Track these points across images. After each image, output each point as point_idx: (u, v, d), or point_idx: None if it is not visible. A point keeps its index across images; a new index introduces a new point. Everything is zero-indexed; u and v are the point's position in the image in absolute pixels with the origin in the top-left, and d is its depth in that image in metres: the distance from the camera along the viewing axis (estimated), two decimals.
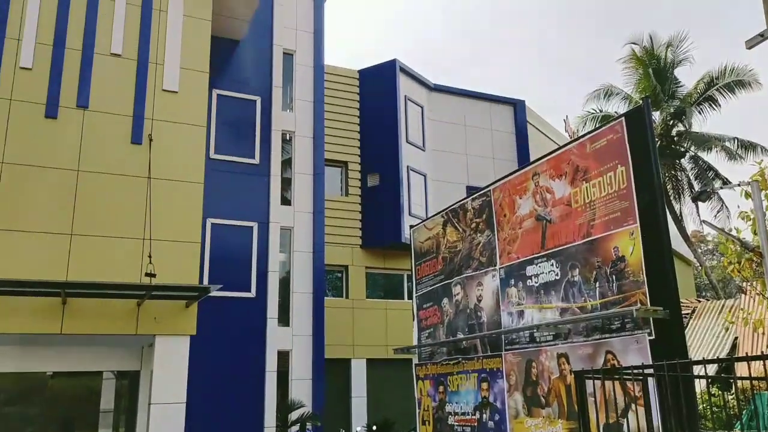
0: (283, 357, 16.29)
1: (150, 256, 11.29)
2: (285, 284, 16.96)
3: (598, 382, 6.26)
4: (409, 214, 20.47)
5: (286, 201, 17.37)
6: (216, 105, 16.10)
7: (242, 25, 16.14)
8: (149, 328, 11.49)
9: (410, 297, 14.75)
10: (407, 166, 21.11)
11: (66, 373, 12.85)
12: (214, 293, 11.86)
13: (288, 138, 17.93)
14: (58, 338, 11.53)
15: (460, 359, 9.91)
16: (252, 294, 15.59)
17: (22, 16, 11.99)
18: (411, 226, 12.85)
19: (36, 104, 11.76)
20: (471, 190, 16.31)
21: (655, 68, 28.29)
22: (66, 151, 11.75)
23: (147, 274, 10.87)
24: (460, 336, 9.92)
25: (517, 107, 25.11)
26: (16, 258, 10.86)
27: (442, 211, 11.20)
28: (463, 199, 10.51)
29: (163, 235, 11.82)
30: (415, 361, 11.50)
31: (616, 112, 29.19)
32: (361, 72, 21.99)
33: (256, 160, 16.38)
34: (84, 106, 12.08)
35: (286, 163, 17.77)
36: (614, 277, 7.03)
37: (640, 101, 21.06)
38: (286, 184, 17.59)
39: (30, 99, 11.72)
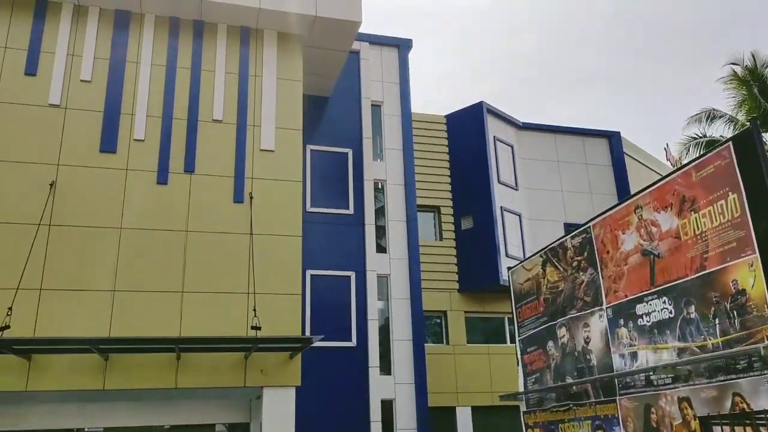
0: (387, 406, 16.17)
1: (254, 310, 11.70)
2: (385, 332, 16.98)
3: (727, 428, 5.76)
4: (506, 256, 20.08)
5: (381, 249, 17.55)
6: (310, 160, 16.71)
7: (330, 82, 16.81)
8: (256, 380, 11.81)
9: (512, 341, 14.31)
10: (501, 207, 20.84)
11: (181, 427, 13.38)
12: (316, 344, 12.06)
13: (380, 187, 18.25)
14: (172, 392, 12.09)
15: (570, 405, 9.45)
16: (353, 343, 15.72)
17: (134, 93, 13.10)
18: (509, 268, 12.58)
19: (149, 172, 12.69)
20: (569, 227, 15.83)
21: (760, 88, 26.64)
22: (176, 214, 12.55)
23: (252, 327, 11.25)
24: (569, 381, 9.48)
25: (613, 139, 24.32)
26: (135, 316, 11.58)
27: (541, 250, 10.91)
28: (562, 237, 10.21)
29: (266, 288, 12.25)
30: (523, 408, 11.07)
31: (722, 136, 27.59)
32: (449, 116, 22.16)
33: (351, 210, 16.76)
34: (191, 170, 12.91)
35: (380, 212, 18.05)
36: (735, 312, 6.52)
37: (747, 123, 19.77)
38: (381, 232, 17.82)
39: (143, 168, 12.68)
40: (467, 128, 21.71)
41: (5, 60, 12.50)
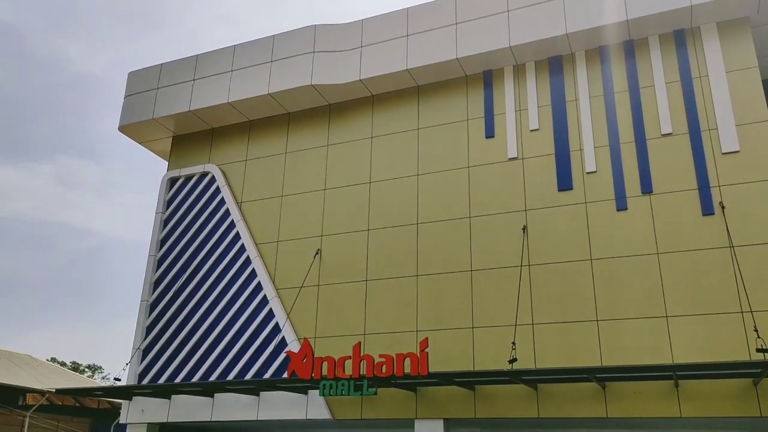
0: None
1: (756, 330, 10.45)
2: None
3: None
4: None
5: None
6: None
7: None
8: None
9: None
10: None
11: None
12: None
13: None
14: (672, 422, 11.59)
15: None
16: None
17: (579, 129, 13.62)
18: None
19: (607, 201, 12.88)
20: None
21: None
22: (642, 238, 12.33)
23: (758, 350, 10.04)
24: None
25: None
26: (623, 344, 11.65)
27: None
28: None
29: (765, 305, 10.85)
30: None
31: None
32: None
33: None
34: (648, 191, 12.59)
35: None
36: None
37: None
38: None
39: (601, 198, 12.94)
40: None
41: (469, 130, 14.61)
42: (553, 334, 12.23)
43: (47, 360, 32.74)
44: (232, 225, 16.33)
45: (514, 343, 11.72)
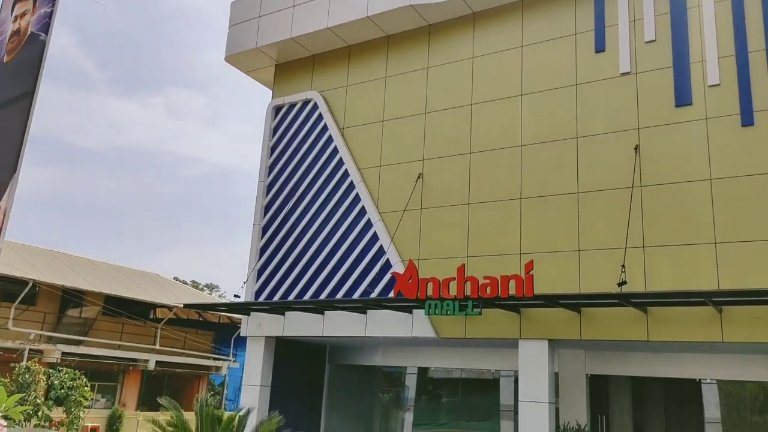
0: None
1: None
2: None
3: None
4: None
5: None
6: None
7: None
8: None
9: None
10: None
11: None
12: None
13: None
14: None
15: None
16: None
17: (701, 39, 12.56)
18: None
19: (730, 117, 11.96)
20: None
21: None
22: (767, 155, 11.45)
23: None
24: None
25: None
26: (742, 267, 11.09)
27: None
28: None
29: None
30: None
31: None
32: None
33: None
34: None
35: None
36: None
37: None
38: None
39: (724, 113, 12.02)
40: None
41: (577, 45, 13.84)
42: (666, 257, 11.80)
43: (172, 279, 35.72)
44: (335, 151, 16.68)
45: (623, 266, 11.44)
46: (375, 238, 15.29)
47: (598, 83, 13.45)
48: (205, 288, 51.86)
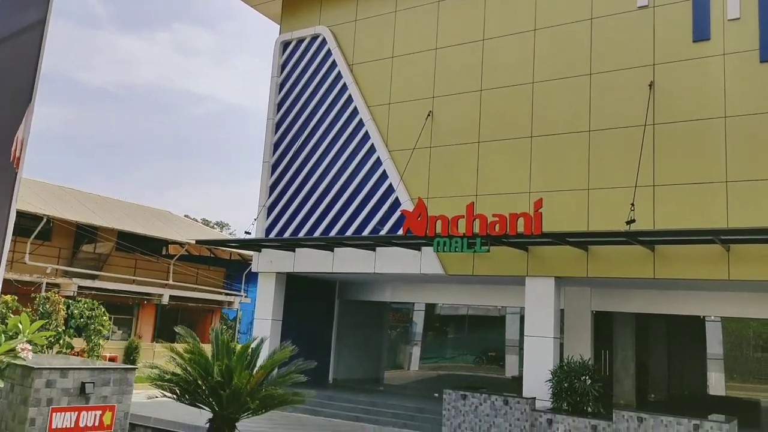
0: None
1: None
2: None
3: None
4: None
5: None
6: None
7: None
8: None
9: None
10: None
11: None
12: None
13: None
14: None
15: None
16: None
17: None
18: None
19: (750, 52, 11.66)
20: None
21: None
22: None
23: None
24: None
25: None
26: (754, 206, 11.07)
27: None
28: None
29: None
30: None
31: None
32: None
33: None
34: None
35: None
36: None
37: None
38: None
39: (743, 48, 11.72)
40: None
41: None
42: (676, 196, 11.77)
43: (183, 216, 36.08)
44: (344, 88, 16.48)
45: (633, 204, 11.44)
46: (384, 176, 15.29)
47: (613, 17, 13.09)
48: (215, 226, 52.41)
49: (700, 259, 11.34)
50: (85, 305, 18.97)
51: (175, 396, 6.57)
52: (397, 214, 14.63)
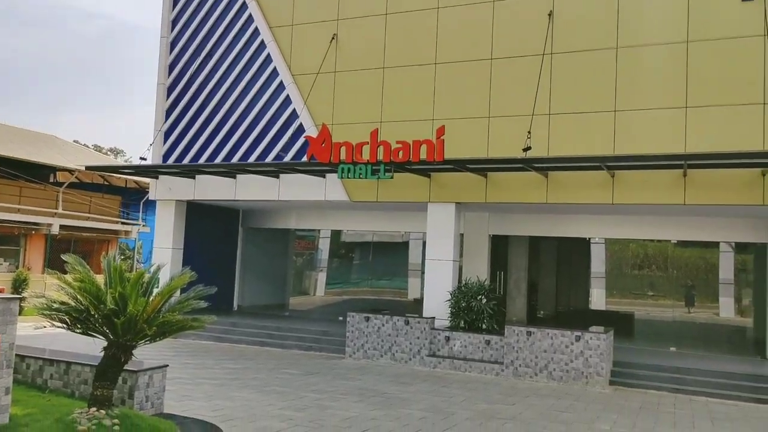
0: None
1: None
2: None
3: None
4: None
5: None
6: None
7: None
8: None
9: None
10: None
11: (686, 243, 13.52)
12: None
13: None
14: (675, 209, 12.17)
15: None
16: None
17: None
18: None
19: None
20: None
21: None
22: (671, 25, 11.76)
23: None
24: None
25: None
26: (638, 135, 11.75)
27: None
28: None
29: None
30: None
31: None
32: None
33: None
34: None
35: None
36: None
37: None
38: None
39: None
40: None
41: None
42: (569, 124, 12.28)
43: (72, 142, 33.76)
44: (244, 6, 15.65)
45: (529, 132, 11.84)
46: (288, 101, 14.90)
47: None
48: (109, 152, 49.52)
49: (588, 185, 12.03)
50: None
51: (65, 326, 6.32)
52: (301, 140, 14.39)
